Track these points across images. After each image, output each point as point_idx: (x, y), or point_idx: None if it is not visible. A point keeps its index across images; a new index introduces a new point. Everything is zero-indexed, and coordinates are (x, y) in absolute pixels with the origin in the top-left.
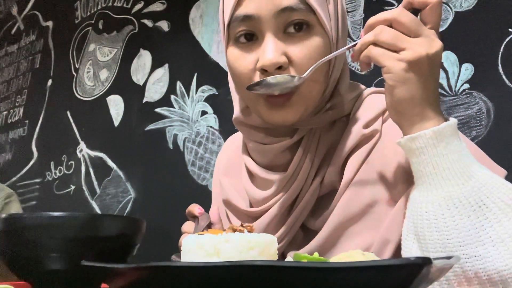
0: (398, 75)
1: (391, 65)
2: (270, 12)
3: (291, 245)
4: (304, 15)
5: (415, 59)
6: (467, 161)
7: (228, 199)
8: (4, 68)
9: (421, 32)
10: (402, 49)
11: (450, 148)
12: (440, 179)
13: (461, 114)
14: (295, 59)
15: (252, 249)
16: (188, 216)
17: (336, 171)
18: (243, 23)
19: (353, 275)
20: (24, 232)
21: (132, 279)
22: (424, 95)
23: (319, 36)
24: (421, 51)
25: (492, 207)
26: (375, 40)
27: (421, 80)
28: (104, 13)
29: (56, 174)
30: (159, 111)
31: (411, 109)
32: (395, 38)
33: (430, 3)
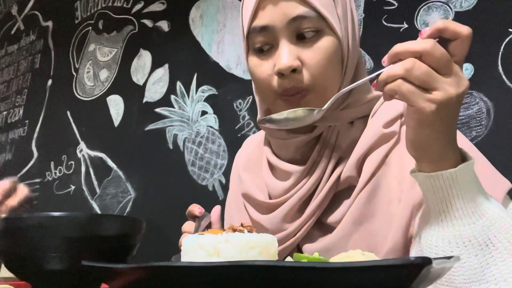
0: (427, 116)
1: (422, 106)
2: (283, 22)
3: (306, 239)
4: (314, 22)
5: (446, 101)
6: (479, 199)
7: (247, 192)
8: (4, 68)
9: (451, 69)
10: (434, 88)
11: (465, 188)
12: (453, 218)
13: (461, 114)
14: (308, 62)
15: (252, 249)
16: (188, 216)
17: (353, 168)
18: (260, 34)
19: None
20: (24, 232)
21: (132, 279)
22: (447, 135)
23: (329, 39)
24: (452, 92)
25: (498, 246)
26: (405, 75)
27: (447, 121)
28: (104, 13)
29: (56, 174)
30: (159, 111)
31: (433, 149)
32: (428, 75)
33: (463, 35)
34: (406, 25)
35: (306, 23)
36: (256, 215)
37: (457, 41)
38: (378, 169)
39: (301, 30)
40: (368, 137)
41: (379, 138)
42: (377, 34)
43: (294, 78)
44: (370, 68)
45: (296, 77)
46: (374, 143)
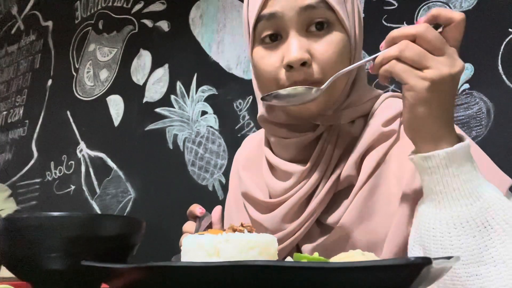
0: (421, 94)
1: (415, 83)
2: (293, 10)
3: (305, 239)
4: (324, 13)
5: (439, 78)
6: (477, 181)
7: (247, 191)
8: (4, 68)
9: (445, 50)
10: (426, 67)
11: (461, 169)
12: (450, 199)
13: (461, 114)
14: (317, 56)
15: (252, 249)
16: (189, 216)
17: (353, 167)
18: (268, 22)
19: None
20: (24, 232)
21: (132, 279)
22: (442, 115)
23: (339, 33)
24: (445, 71)
25: (496, 228)
26: (399, 55)
27: (441, 100)
28: (104, 13)
29: (56, 174)
30: (159, 111)
31: (427, 128)
32: (420, 55)
33: (455, 20)
34: (406, 25)
35: (316, 14)
36: (256, 214)
37: (451, 26)
38: (377, 167)
39: (311, 21)
40: (368, 136)
41: (378, 136)
42: (377, 34)
43: (303, 72)
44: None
45: (305, 70)
46: (373, 142)
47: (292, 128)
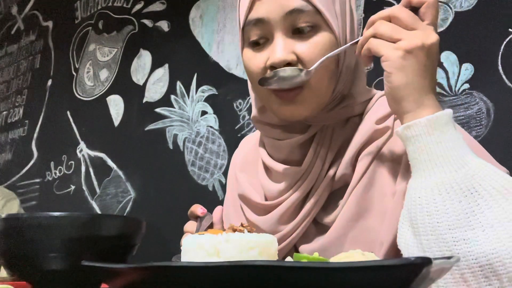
0: (395, 62)
1: (389, 53)
2: (278, 15)
3: (303, 239)
4: (310, 16)
5: (411, 47)
6: (461, 149)
7: (244, 193)
8: (4, 68)
9: (417, 26)
10: (399, 39)
11: (444, 136)
12: (434, 166)
13: (461, 114)
14: (303, 57)
15: (252, 249)
16: (191, 216)
17: (348, 166)
18: (255, 26)
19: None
20: (24, 232)
21: (132, 279)
22: (421, 83)
23: (326, 35)
24: (417, 41)
25: (483, 193)
26: (374, 33)
27: (418, 68)
28: (104, 13)
29: (56, 174)
30: (159, 111)
31: (407, 96)
32: (393, 30)
33: (426, 1)
34: None
35: (302, 17)
36: (252, 216)
37: (424, 6)
38: (371, 165)
39: (297, 24)
40: (361, 134)
41: (372, 134)
42: None
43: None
44: (370, 68)
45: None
46: (367, 140)
47: (285, 129)
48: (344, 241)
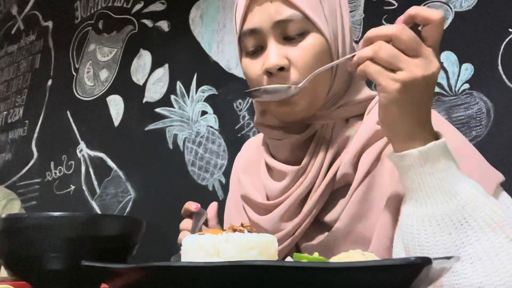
0: (392, 94)
1: (386, 84)
2: (269, 24)
3: (304, 238)
4: (299, 24)
5: (410, 80)
6: (453, 179)
7: (246, 194)
8: (4, 68)
9: (420, 51)
10: (399, 68)
11: (436, 167)
12: (425, 197)
13: (461, 114)
14: (294, 61)
15: (252, 249)
16: (184, 214)
17: (349, 166)
18: (250, 36)
19: (353, 275)
20: (24, 232)
21: (132, 279)
22: (416, 115)
23: (316, 38)
24: (417, 73)
25: (473, 225)
26: (373, 56)
27: (414, 101)
28: (104, 13)
29: (56, 174)
30: (159, 111)
31: (402, 128)
32: (393, 57)
33: (433, 20)
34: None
35: (292, 25)
36: (255, 216)
37: (429, 26)
38: (373, 166)
39: (287, 32)
40: (363, 135)
41: (373, 135)
42: None
43: (282, 77)
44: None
45: (284, 75)
46: (368, 140)
47: (286, 130)
48: (345, 240)
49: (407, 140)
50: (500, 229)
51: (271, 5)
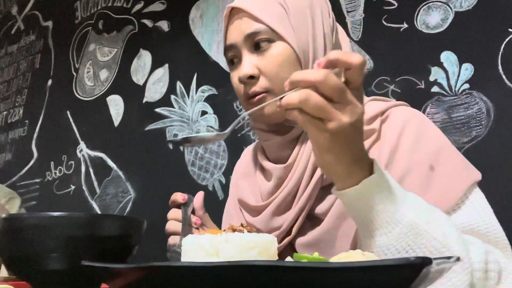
0: (323, 144)
1: (316, 135)
2: (240, 38)
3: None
4: (266, 34)
5: (338, 130)
6: (393, 208)
7: (241, 197)
8: (4, 68)
9: (345, 97)
10: (327, 118)
11: (374, 200)
12: (370, 230)
13: (461, 114)
14: (263, 69)
15: (252, 249)
16: (172, 206)
17: None
18: (229, 51)
19: (353, 275)
20: (24, 232)
21: (132, 279)
22: (350, 156)
23: (281, 46)
24: (345, 121)
25: (418, 252)
26: (301, 106)
27: (345, 146)
28: (104, 13)
29: (56, 174)
30: (159, 111)
31: (337, 170)
32: (320, 108)
33: (353, 65)
34: (406, 25)
35: (259, 36)
36: (249, 218)
37: (350, 70)
38: None
39: (256, 42)
40: None
41: None
42: (377, 34)
43: (253, 84)
44: (370, 68)
45: (254, 82)
46: None
47: (275, 132)
48: (335, 235)
49: (345, 179)
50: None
51: (241, 22)
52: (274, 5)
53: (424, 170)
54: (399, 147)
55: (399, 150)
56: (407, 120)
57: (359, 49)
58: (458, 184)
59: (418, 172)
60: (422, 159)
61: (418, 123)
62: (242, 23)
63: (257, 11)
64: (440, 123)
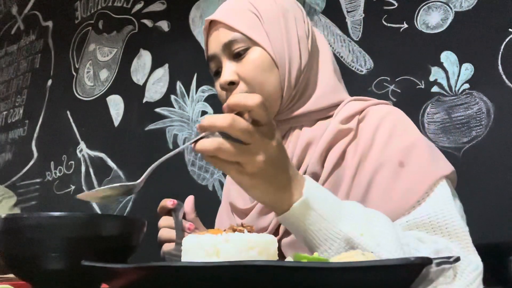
0: (245, 185)
1: (236, 177)
2: (219, 48)
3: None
4: (242, 42)
5: (255, 170)
6: (329, 224)
7: (231, 201)
8: (4, 68)
9: (254, 139)
10: (243, 162)
11: (307, 221)
12: (313, 248)
13: (461, 114)
14: (242, 75)
15: (252, 249)
16: (162, 213)
17: (317, 164)
18: (211, 61)
19: (353, 275)
20: (24, 232)
21: (132, 279)
22: (274, 187)
23: (257, 52)
24: (259, 161)
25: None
26: (216, 154)
27: (267, 180)
28: (104, 13)
29: (56, 174)
30: (159, 111)
31: (267, 200)
32: (234, 155)
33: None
34: (406, 25)
35: (235, 44)
36: (238, 221)
37: (252, 111)
38: (337, 165)
39: (233, 51)
40: (327, 134)
41: (336, 133)
42: (377, 34)
43: (233, 90)
44: (370, 67)
45: (235, 88)
46: (332, 139)
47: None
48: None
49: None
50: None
51: (219, 33)
52: (247, 14)
53: (393, 166)
54: (373, 145)
55: (372, 148)
56: (382, 118)
57: (359, 49)
58: (424, 180)
59: (388, 168)
60: (393, 156)
61: (393, 120)
62: (220, 33)
63: (232, 21)
64: (440, 123)
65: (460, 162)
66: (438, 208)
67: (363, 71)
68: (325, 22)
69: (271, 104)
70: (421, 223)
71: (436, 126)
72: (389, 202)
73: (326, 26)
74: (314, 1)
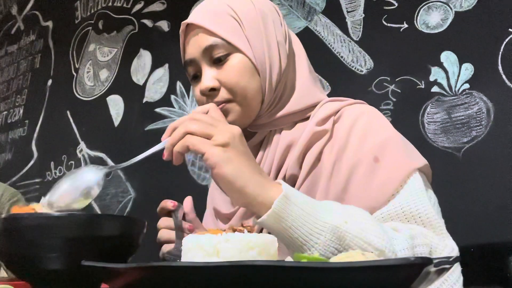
0: (220, 156)
1: (209, 150)
2: (199, 52)
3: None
4: (222, 47)
5: (226, 141)
6: (313, 218)
7: (215, 206)
8: (4, 68)
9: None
10: (211, 135)
11: (290, 218)
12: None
13: (461, 114)
14: (224, 81)
15: (252, 249)
16: (161, 213)
17: (295, 166)
18: (189, 66)
19: (353, 275)
20: (24, 232)
21: (132, 279)
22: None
23: (237, 57)
24: (228, 133)
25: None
26: (187, 130)
27: (240, 155)
28: (104, 13)
29: (56, 174)
30: (159, 111)
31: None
32: (204, 127)
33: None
34: (406, 25)
35: (216, 50)
36: (221, 225)
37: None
38: (314, 166)
39: (213, 56)
40: (304, 137)
41: (312, 135)
42: (377, 34)
43: (214, 96)
44: (370, 67)
45: (215, 94)
46: (308, 141)
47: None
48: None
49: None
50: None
51: (198, 37)
52: (227, 18)
53: (369, 162)
54: (347, 144)
55: (347, 147)
56: (357, 117)
57: (359, 49)
58: (398, 173)
59: (364, 165)
60: (368, 153)
61: (367, 119)
62: (199, 38)
63: (212, 26)
64: (440, 123)
65: (460, 162)
66: (411, 199)
67: (363, 71)
68: (325, 22)
69: (252, 109)
70: (395, 214)
71: (436, 126)
72: (367, 198)
73: (326, 26)
74: (314, 1)
